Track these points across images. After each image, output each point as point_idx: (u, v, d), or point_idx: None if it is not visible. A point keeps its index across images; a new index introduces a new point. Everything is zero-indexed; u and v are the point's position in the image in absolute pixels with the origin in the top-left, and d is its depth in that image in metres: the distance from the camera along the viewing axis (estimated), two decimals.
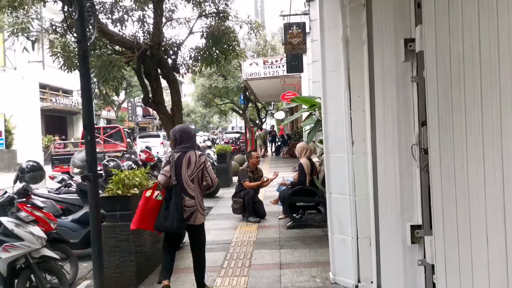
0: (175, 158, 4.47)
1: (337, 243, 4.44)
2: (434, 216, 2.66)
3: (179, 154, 4.49)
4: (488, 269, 1.99)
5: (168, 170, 4.43)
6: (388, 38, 3.43)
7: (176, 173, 4.42)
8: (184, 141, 4.55)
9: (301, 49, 10.41)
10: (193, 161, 4.47)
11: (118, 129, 20.15)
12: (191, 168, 4.46)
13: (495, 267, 1.93)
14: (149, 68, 8.97)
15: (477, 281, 2.12)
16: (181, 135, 4.57)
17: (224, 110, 32.26)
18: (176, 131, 4.67)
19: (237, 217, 8.08)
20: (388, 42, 3.42)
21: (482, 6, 1.92)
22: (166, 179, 4.42)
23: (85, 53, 4.33)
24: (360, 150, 4.16)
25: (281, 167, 17.66)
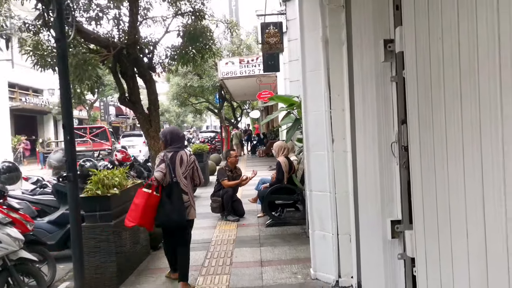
0: (169, 157, 4.71)
1: (318, 239, 4.52)
2: (415, 211, 2.76)
3: (171, 153, 4.76)
4: (468, 262, 2.07)
5: (164, 168, 4.65)
6: (367, 39, 3.51)
7: (171, 171, 4.66)
8: (175, 142, 4.86)
9: (278, 49, 10.49)
10: (185, 160, 4.80)
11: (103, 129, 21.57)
12: (184, 166, 4.79)
13: (475, 260, 2.02)
14: (125, 67, 8.88)
15: (457, 273, 2.22)
16: (172, 137, 4.86)
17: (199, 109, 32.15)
18: (167, 132, 4.96)
19: (216, 216, 8.10)
20: (367, 42, 3.50)
21: (461, 8, 2.01)
22: (163, 176, 4.62)
23: (63, 52, 4.28)
24: (340, 148, 4.25)
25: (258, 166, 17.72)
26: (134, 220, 4.56)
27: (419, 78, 2.56)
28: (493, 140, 1.80)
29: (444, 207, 2.30)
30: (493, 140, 1.80)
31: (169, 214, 4.56)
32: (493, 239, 1.85)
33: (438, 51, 2.27)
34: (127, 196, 5.37)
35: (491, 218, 1.86)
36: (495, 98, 1.76)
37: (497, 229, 1.80)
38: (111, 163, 9.48)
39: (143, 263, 5.61)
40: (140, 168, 10.70)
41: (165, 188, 4.64)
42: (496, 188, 1.79)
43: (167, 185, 4.64)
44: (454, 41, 2.10)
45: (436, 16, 2.28)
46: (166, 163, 4.67)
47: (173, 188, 4.62)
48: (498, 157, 1.77)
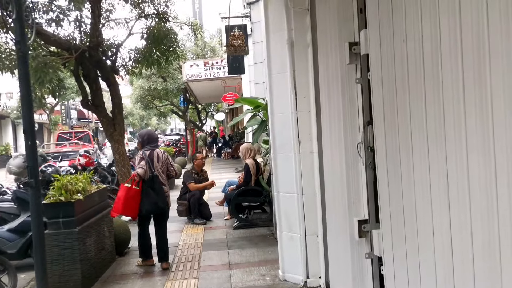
0: (147, 155, 5.42)
1: (286, 240, 4.54)
2: (381, 211, 2.81)
3: (149, 151, 5.47)
4: (434, 261, 2.13)
5: (144, 164, 5.35)
6: (332, 42, 3.57)
7: (150, 166, 5.39)
8: (151, 142, 5.60)
9: (243, 51, 10.51)
10: (161, 157, 5.59)
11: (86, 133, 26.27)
12: (160, 162, 5.54)
13: (441, 259, 2.08)
14: (88, 70, 8.70)
15: (424, 273, 2.27)
16: (149, 137, 5.63)
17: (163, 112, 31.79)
18: (144, 134, 5.76)
19: (182, 220, 8.02)
20: (333, 45, 3.56)
21: (424, 12, 2.07)
22: (144, 172, 5.32)
23: (24, 55, 4.13)
24: (307, 149, 4.29)
25: (223, 168, 17.71)
26: (117, 211, 5.36)
27: (384, 80, 2.62)
28: (456, 140, 1.86)
29: (410, 207, 2.35)
30: (456, 141, 1.86)
31: (155, 202, 5.36)
32: (458, 238, 1.91)
33: (402, 54, 2.33)
34: (91, 202, 5.25)
35: (456, 218, 1.92)
36: (458, 99, 1.82)
37: (462, 228, 1.86)
38: (73, 168, 9.25)
39: (109, 269, 5.49)
40: (104, 172, 10.47)
41: (147, 182, 5.34)
42: (460, 188, 1.85)
43: (148, 178, 5.34)
44: (417, 44, 2.16)
45: (400, 20, 2.34)
46: (146, 160, 5.36)
47: (154, 180, 5.38)
48: (462, 158, 1.83)
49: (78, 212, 4.80)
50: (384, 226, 2.79)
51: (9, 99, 29.31)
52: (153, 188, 5.35)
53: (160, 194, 5.40)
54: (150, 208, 5.37)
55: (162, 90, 23.30)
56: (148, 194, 5.33)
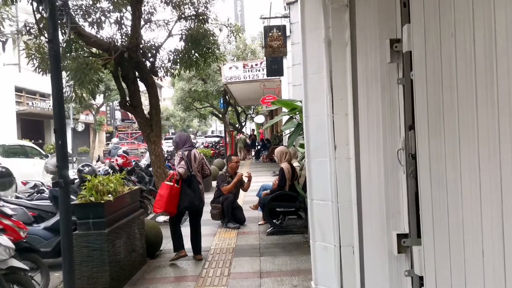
0: (185, 155, 5.84)
1: (319, 251, 4.29)
2: (423, 225, 2.54)
3: (187, 152, 5.92)
4: (483, 284, 1.86)
5: (184, 164, 5.75)
6: (372, 39, 3.31)
7: (188, 166, 5.79)
8: (186, 144, 6.03)
9: (281, 52, 10.30)
10: (197, 157, 6.02)
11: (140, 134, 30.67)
12: (197, 162, 5.98)
13: (491, 281, 1.81)
14: (127, 71, 8.75)
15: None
16: (181, 140, 6.07)
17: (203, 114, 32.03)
18: (178, 137, 6.23)
19: (216, 223, 7.89)
20: (373, 43, 3.31)
21: (476, 1, 1.81)
22: (185, 171, 5.71)
23: (56, 54, 4.10)
24: (343, 155, 4.02)
25: (261, 171, 17.54)
26: (161, 208, 5.61)
27: (428, 80, 2.35)
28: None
29: (456, 222, 2.08)
30: None
31: (192, 200, 5.73)
32: None
33: (450, 49, 2.06)
34: (122, 203, 5.18)
35: (511, 236, 1.64)
36: None
37: None
38: (111, 168, 9.31)
39: (139, 272, 5.41)
40: (142, 173, 10.52)
41: (185, 180, 5.71)
42: None
43: (186, 178, 5.71)
44: (468, 37, 1.90)
45: (448, 11, 2.08)
46: (185, 160, 5.76)
47: (192, 180, 5.80)
48: None
49: (108, 213, 4.73)
50: (426, 242, 2.52)
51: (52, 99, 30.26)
52: (190, 187, 5.74)
53: (197, 192, 5.81)
54: (188, 205, 5.76)
55: (202, 92, 23.47)
56: (186, 192, 5.71)
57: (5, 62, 25.14)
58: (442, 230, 2.26)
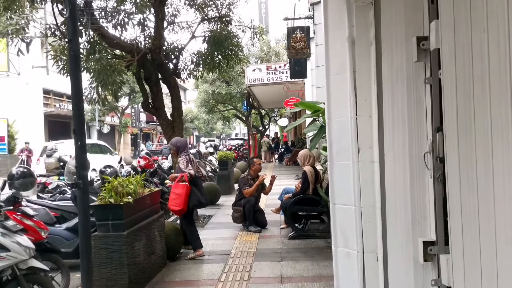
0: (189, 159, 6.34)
1: (341, 257, 4.15)
2: (452, 233, 2.39)
3: (188, 156, 6.37)
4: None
5: (191, 167, 6.23)
6: (398, 37, 3.18)
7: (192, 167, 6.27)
8: (185, 148, 6.51)
9: (305, 54, 10.16)
10: (194, 161, 6.61)
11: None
12: (195, 165, 6.50)
13: None
14: (149, 73, 8.76)
15: None
16: (181, 145, 6.53)
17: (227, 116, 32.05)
18: (178, 142, 6.66)
19: (237, 226, 7.81)
20: (398, 41, 3.17)
21: None
22: (194, 172, 6.25)
23: (76, 54, 4.09)
24: (367, 158, 3.88)
25: (284, 174, 17.41)
26: (179, 206, 5.97)
27: (458, 78, 2.21)
28: None
29: (488, 230, 1.93)
30: None
31: (199, 198, 6.23)
32: None
33: (482, 46, 1.92)
34: (142, 204, 5.15)
35: None
36: None
37: None
38: (133, 169, 9.34)
39: (158, 275, 5.36)
40: (164, 175, 10.54)
41: (191, 181, 6.12)
42: None
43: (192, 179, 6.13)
44: (502, 32, 1.76)
45: (480, 5, 1.94)
46: (190, 162, 6.25)
47: (197, 180, 6.35)
48: None
49: (128, 215, 4.70)
50: (455, 251, 2.36)
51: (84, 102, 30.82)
52: (196, 186, 6.23)
53: (202, 192, 6.35)
54: (197, 203, 6.22)
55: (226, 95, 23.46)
56: (194, 191, 6.16)
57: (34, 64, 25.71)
58: (473, 239, 2.11)
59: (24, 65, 25.00)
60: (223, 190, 11.77)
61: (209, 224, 8.39)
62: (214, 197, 10.93)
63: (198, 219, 8.72)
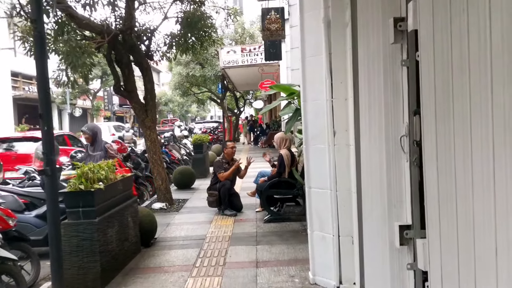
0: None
1: (317, 240, 4.14)
2: (429, 217, 2.37)
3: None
4: (496, 281, 1.70)
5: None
6: (374, 18, 3.11)
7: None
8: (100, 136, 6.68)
9: (280, 35, 10.02)
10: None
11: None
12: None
13: (504, 280, 1.65)
14: (121, 55, 8.51)
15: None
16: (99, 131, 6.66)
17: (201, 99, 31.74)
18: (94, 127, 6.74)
19: (212, 210, 7.74)
20: (375, 22, 3.11)
21: None
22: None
23: (41, 34, 3.87)
24: (342, 142, 3.85)
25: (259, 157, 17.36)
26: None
27: (436, 60, 2.16)
28: None
29: (466, 214, 1.91)
30: None
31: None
32: None
33: (461, 26, 1.87)
34: (114, 191, 5.01)
35: None
36: None
37: None
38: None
39: (132, 261, 5.26)
40: (138, 159, 10.34)
41: None
42: None
43: None
44: (482, 12, 1.71)
45: None
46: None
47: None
48: None
49: (99, 201, 4.56)
50: (432, 235, 2.35)
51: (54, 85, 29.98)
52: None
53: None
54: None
55: (200, 77, 23.19)
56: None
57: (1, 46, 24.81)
58: (450, 223, 2.09)
59: None
60: (198, 173, 11.66)
61: (184, 209, 8.29)
62: (189, 181, 10.82)
63: (173, 203, 8.62)
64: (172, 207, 8.42)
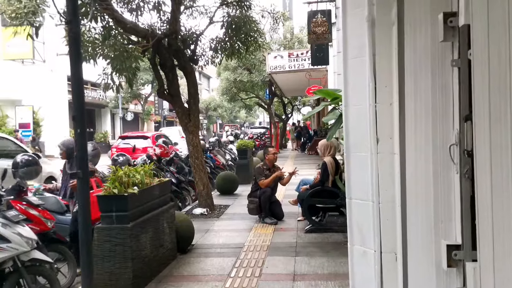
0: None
1: (357, 256, 3.85)
2: (481, 238, 2.06)
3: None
4: None
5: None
6: (422, 15, 2.83)
7: None
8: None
9: (326, 39, 9.72)
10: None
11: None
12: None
13: None
14: (165, 59, 8.54)
15: None
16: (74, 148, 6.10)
17: (249, 104, 31.77)
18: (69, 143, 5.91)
19: (253, 218, 7.56)
20: (423, 19, 2.82)
21: None
22: None
23: (75, 36, 3.85)
24: (386, 150, 3.55)
25: (305, 164, 17.10)
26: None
27: (491, 58, 1.87)
28: None
29: None
30: None
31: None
32: None
33: None
34: (149, 196, 4.93)
35: None
36: None
37: None
38: (148, 158, 9.16)
39: (166, 268, 5.15)
40: (181, 163, 10.35)
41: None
42: None
43: None
44: None
45: None
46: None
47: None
48: None
49: (132, 206, 4.49)
50: (484, 257, 2.04)
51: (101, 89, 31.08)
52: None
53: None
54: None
55: (248, 82, 23.18)
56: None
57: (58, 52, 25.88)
58: (506, 245, 1.79)
59: (49, 52, 25.22)
60: (241, 179, 11.55)
61: (225, 215, 8.16)
62: (232, 187, 10.71)
63: (215, 209, 8.52)
64: (213, 213, 8.31)
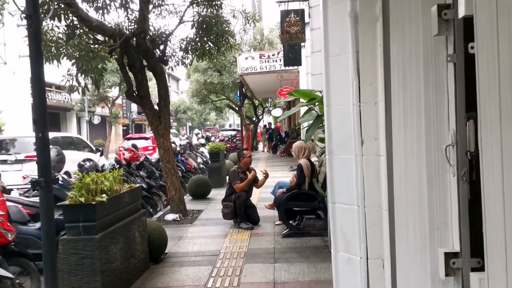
0: None
1: (342, 263, 3.66)
2: (489, 247, 1.89)
3: None
4: None
5: None
6: (411, 9, 2.67)
7: None
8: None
9: (299, 39, 9.57)
10: None
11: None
12: None
13: None
14: (133, 59, 8.20)
15: None
16: None
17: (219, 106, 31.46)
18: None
19: (228, 223, 7.31)
20: (412, 13, 2.66)
21: None
22: None
23: (36, 32, 3.54)
24: (372, 151, 3.38)
25: (278, 166, 16.96)
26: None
27: (501, 51, 1.70)
28: None
29: None
30: None
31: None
32: None
33: None
34: (119, 204, 4.62)
35: None
36: None
37: None
38: (117, 162, 8.79)
39: (139, 280, 4.85)
40: (152, 168, 10.01)
41: None
42: None
43: None
44: None
45: None
46: None
47: None
48: None
49: (101, 215, 4.18)
50: (494, 267, 1.87)
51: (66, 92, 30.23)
52: None
53: None
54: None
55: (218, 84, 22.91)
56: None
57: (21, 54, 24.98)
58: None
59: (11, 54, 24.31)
60: (214, 182, 11.28)
61: (198, 220, 7.88)
62: (205, 191, 10.43)
63: (188, 215, 8.22)
64: (186, 218, 8.02)
